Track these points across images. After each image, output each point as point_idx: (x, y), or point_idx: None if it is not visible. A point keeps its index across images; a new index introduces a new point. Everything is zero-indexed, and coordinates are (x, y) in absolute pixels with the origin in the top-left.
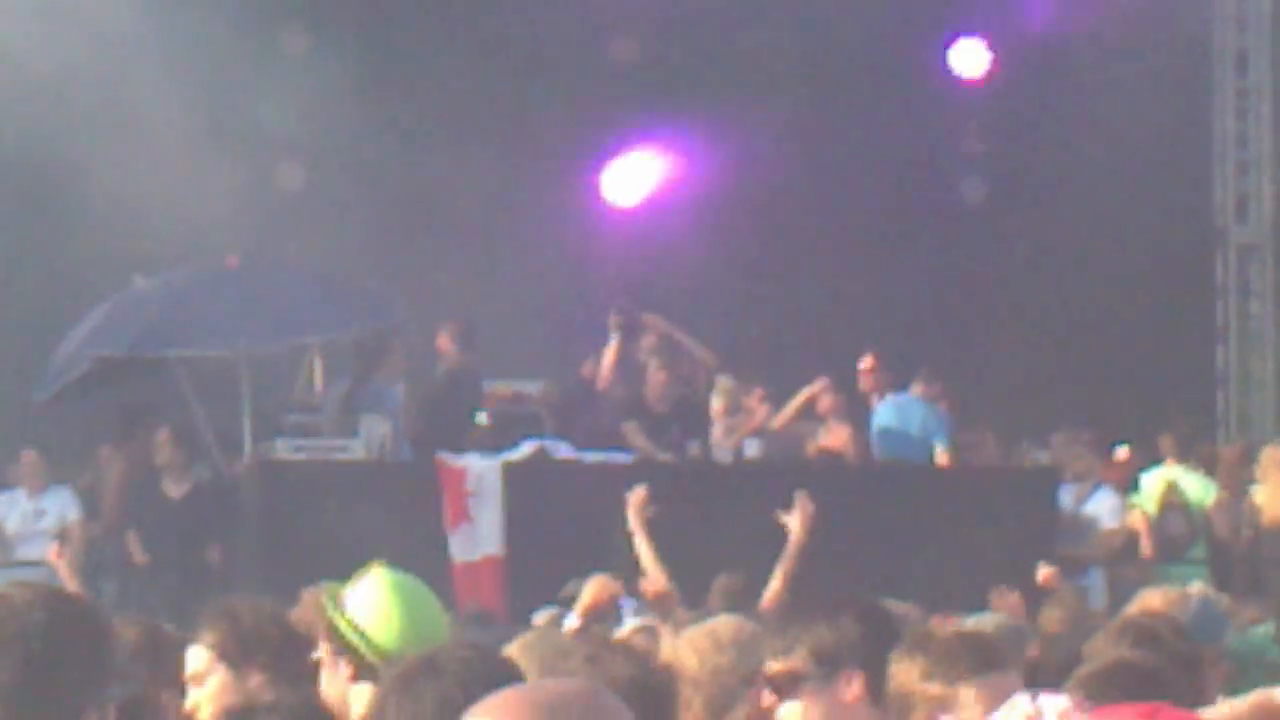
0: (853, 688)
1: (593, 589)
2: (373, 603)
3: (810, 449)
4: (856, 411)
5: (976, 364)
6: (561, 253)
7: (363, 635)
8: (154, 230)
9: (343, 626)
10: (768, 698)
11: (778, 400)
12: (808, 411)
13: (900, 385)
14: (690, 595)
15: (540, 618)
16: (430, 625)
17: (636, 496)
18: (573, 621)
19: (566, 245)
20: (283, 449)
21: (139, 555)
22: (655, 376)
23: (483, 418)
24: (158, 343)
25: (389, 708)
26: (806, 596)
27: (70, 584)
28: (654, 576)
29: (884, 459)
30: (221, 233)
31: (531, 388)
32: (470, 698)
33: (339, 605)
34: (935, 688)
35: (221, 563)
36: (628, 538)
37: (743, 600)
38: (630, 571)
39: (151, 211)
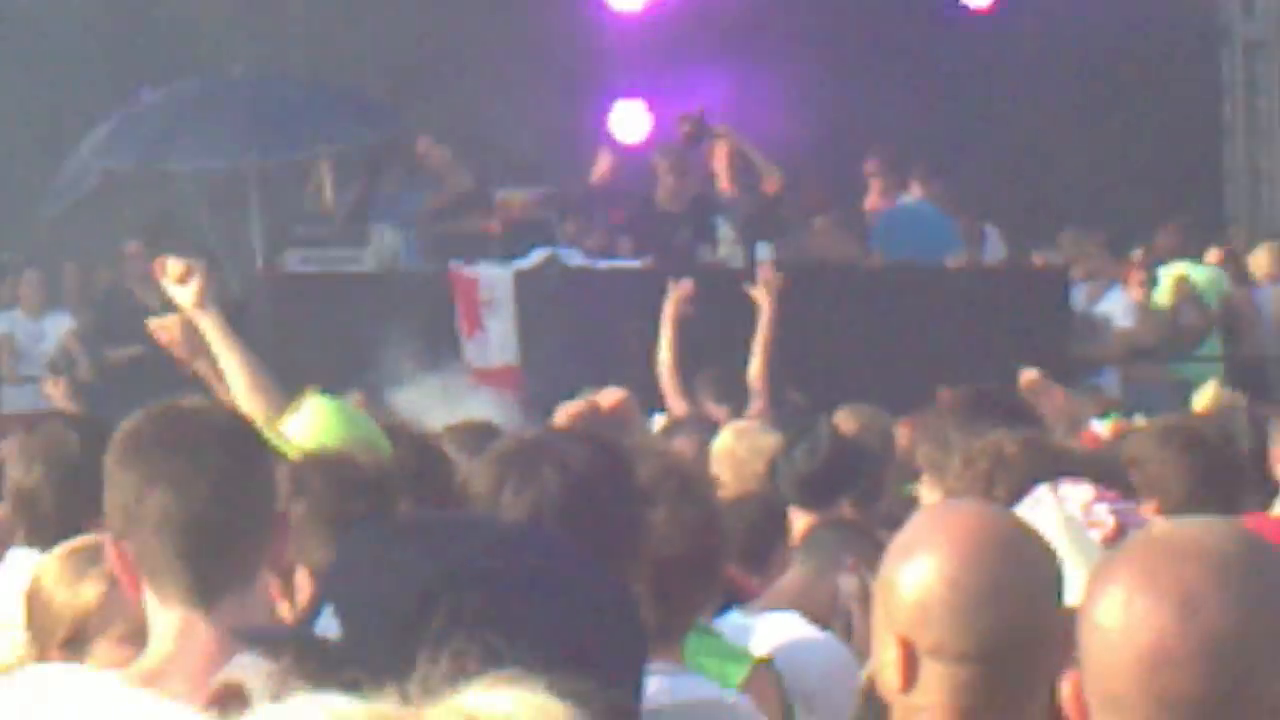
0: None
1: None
2: (310, 426)
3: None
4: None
5: (980, 165)
6: (568, 56)
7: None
8: (160, 41)
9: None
10: None
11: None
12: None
13: (902, 186)
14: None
15: None
16: (371, 444)
17: (680, 289)
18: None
19: (575, 47)
20: (293, 261)
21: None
22: (665, 178)
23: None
24: (166, 155)
25: (507, 489)
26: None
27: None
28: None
29: (893, 260)
30: (227, 44)
31: (542, 195)
32: (587, 492)
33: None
34: None
35: None
36: (642, 344)
37: (729, 389)
38: (645, 379)
39: (158, 21)
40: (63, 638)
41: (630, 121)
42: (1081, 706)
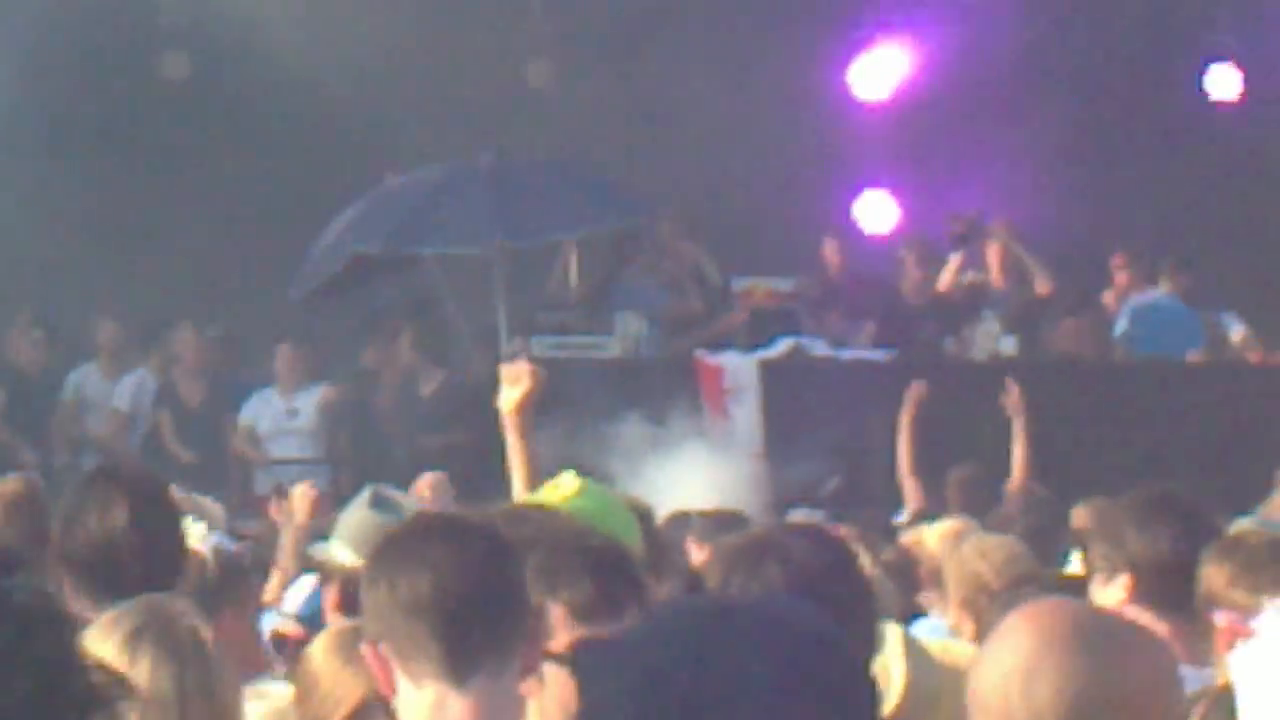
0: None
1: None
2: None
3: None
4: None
5: (1228, 258)
6: (808, 145)
7: None
8: (406, 129)
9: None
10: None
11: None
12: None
13: (1150, 280)
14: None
15: (797, 517)
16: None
17: (916, 390)
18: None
19: (814, 137)
20: (538, 346)
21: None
22: (911, 271)
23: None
24: (412, 240)
25: (733, 583)
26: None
27: (288, 547)
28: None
29: (1139, 355)
30: (473, 130)
31: (786, 285)
32: (809, 586)
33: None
34: (1240, 595)
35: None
36: (886, 436)
37: (976, 491)
38: (888, 469)
39: (403, 110)
40: (347, 713)
41: (876, 211)
42: None
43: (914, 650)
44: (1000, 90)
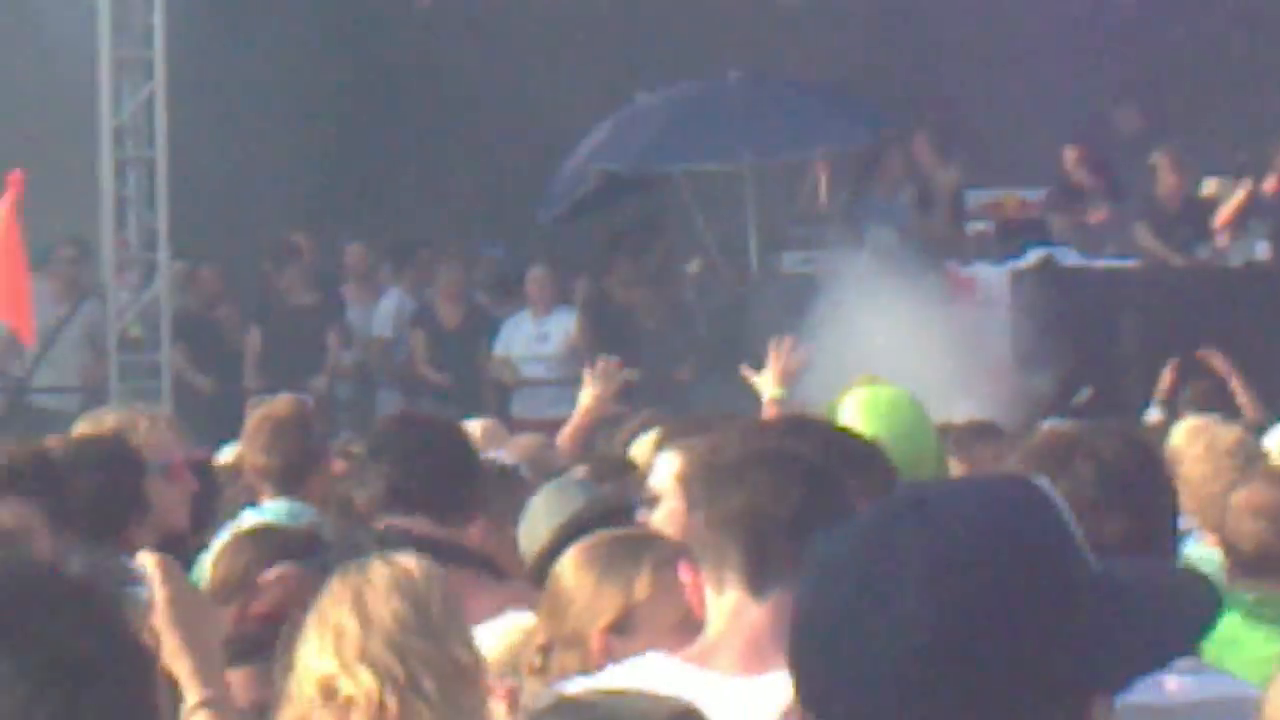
0: None
1: None
2: (855, 418)
3: None
4: None
5: None
6: (1064, 50)
7: None
8: (655, 47)
9: None
10: None
11: None
12: None
13: None
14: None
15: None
16: (914, 440)
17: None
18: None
19: (1069, 42)
20: (789, 262)
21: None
22: (1167, 177)
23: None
24: (662, 158)
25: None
26: None
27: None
28: None
29: None
30: (723, 48)
31: (1036, 195)
32: (1120, 482)
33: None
34: None
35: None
36: (1141, 343)
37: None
38: (1145, 375)
39: (652, 28)
40: (607, 624)
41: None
42: None
43: None
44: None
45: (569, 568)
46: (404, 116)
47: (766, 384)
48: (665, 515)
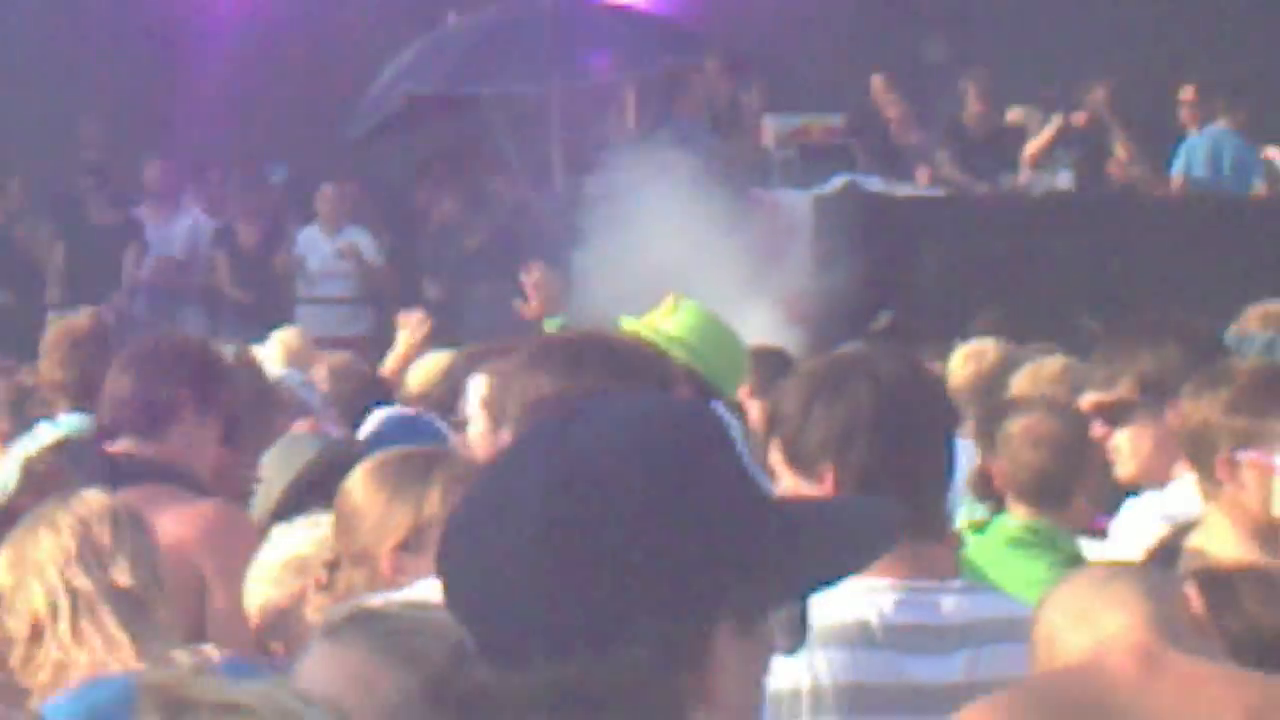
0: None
1: None
2: (666, 333)
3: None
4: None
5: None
6: None
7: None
8: None
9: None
10: (1099, 429)
11: None
12: None
13: (1211, 117)
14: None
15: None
16: (725, 354)
17: None
18: None
19: None
20: (592, 185)
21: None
22: (973, 105)
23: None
24: (469, 80)
25: (817, 404)
26: (1127, 324)
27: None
28: None
29: (1196, 190)
30: None
31: (838, 121)
32: (896, 403)
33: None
34: (1240, 421)
35: None
36: (942, 271)
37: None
38: (943, 303)
39: None
40: (397, 541)
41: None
42: None
43: None
44: None
45: (359, 485)
46: (209, 39)
47: (533, 314)
48: (475, 437)
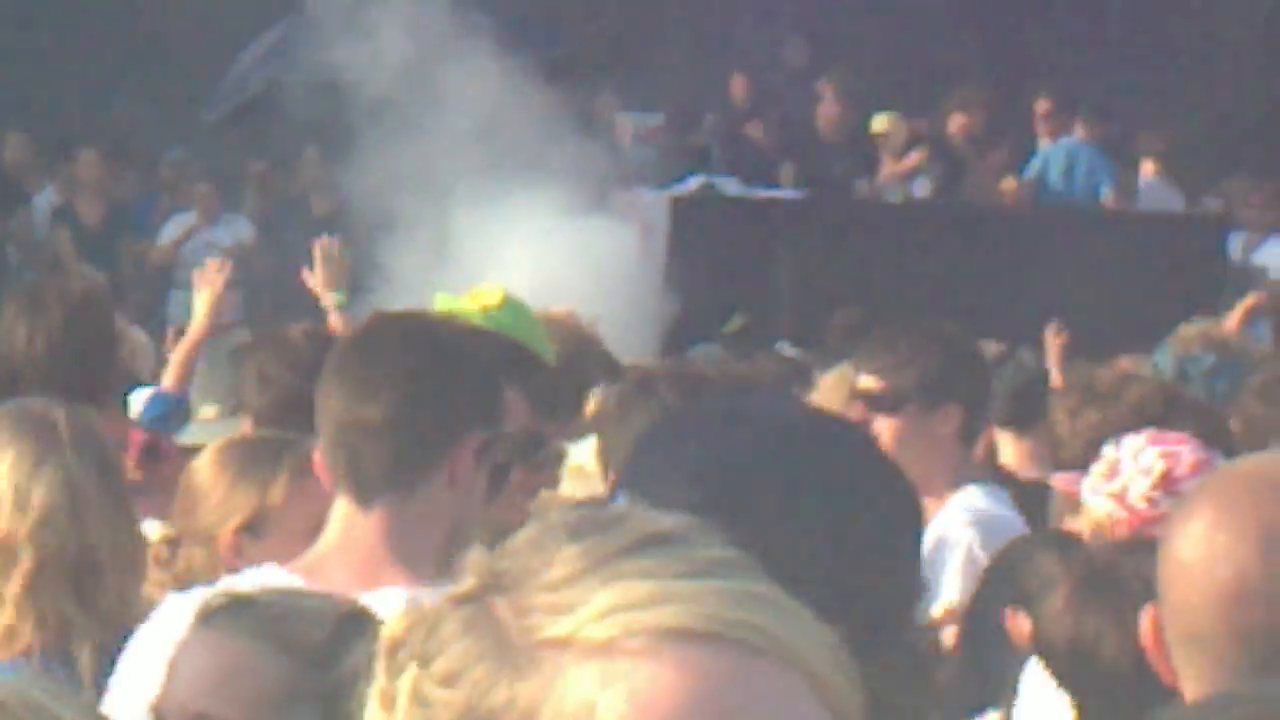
0: (950, 421)
1: None
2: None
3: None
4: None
5: (1145, 107)
6: None
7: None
8: None
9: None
10: (859, 410)
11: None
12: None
13: (1066, 129)
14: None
15: (699, 353)
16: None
17: None
18: None
19: None
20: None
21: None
22: (829, 106)
23: None
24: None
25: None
26: (919, 324)
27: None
28: None
29: (1050, 203)
30: None
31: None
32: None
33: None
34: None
35: None
36: (796, 275)
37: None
38: (797, 307)
39: None
40: (239, 524)
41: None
42: (1161, 642)
43: None
44: None
45: (205, 465)
46: (79, 13)
47: (322, 291)
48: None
